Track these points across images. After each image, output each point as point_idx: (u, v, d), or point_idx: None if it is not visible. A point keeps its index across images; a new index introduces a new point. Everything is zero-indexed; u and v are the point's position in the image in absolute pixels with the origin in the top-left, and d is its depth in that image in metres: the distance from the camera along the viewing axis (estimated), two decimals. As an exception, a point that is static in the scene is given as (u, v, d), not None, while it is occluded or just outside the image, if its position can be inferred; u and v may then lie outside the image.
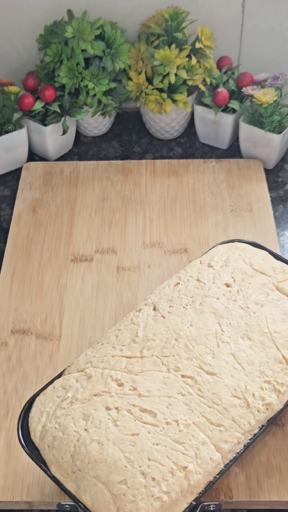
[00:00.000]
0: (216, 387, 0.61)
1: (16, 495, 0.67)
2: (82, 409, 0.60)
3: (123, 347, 0.65)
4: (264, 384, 0.63)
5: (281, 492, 0.66)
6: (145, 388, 0.61)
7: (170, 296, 0.70)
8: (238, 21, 1.07)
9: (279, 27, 1.07)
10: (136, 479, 0.55)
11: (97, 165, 1.06)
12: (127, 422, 0.58)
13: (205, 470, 0.57)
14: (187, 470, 0.56)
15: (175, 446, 0.57)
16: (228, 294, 0.70)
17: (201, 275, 0.73)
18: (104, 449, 0.56)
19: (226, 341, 0.65)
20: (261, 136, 1.01)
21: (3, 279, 0.88)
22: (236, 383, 0.62)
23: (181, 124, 1.10)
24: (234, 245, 0.78)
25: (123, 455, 0.56)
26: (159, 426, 0.58)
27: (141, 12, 1.05)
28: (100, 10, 1.04)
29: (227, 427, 0.59)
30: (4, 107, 1.01)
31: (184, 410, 0.59)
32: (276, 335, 0.66)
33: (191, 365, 0.63)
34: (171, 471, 0.56)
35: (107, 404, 0.60)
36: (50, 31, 1.02)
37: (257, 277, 0.72)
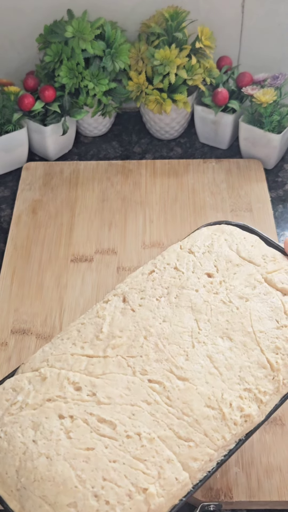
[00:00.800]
0: (187, 395, 0.53)
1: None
2: (32, 416, 0.52)
3: (85, 344, 0.57)
4: (244, 393, 0.55)
5: (281, 492, 0.67)
6: (106, 394, 0.53)
7: (142, 286, 0.61)
8: (238, 20, 1.07)
9: (278, 27, 1.08)
10: (88, 501, 0.47)
11: (97, 165, 1.06)
12: (82, 434, 0.51)
13: (168, 492, 0.49)
14: (147, 493, 0.48)
15: (135, 464, 0.49)
16: (209, 286, 0.61)
17: (180, 263, 0.64)
18: (53, 465, 0.49)
19: (203, 340, 0.57)
20: (261, 136, 1.01)
21: (3, 280, 0.88)
22: (211, 391, 0.54)
23: (181, 124, 1.11)
24: (220, 228, 0.68)
25: (74, 473, 0.49)
26: (118, 440, 0.51)
27: (141, 11, 1.05)
28: (100, 10, 1.04)
29: (197, 442, 0.52)
30: (4, 107, 1.01)
31: (149, 422, 0.52)
32: (261, 335, 0.58)
33: (160, 368, 0.55)
34: (129, 493, 0.48)
35: (60, 412, 0.52)
36: (50, 31, 1.02)
37: (244, 267, 0.63)
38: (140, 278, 0.63)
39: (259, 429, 0.70)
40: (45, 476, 0.49)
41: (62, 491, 0.48)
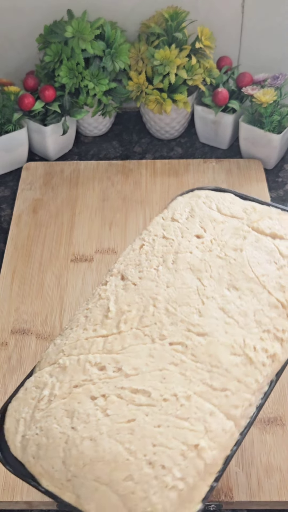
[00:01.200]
0: (211, 348, 0.53)
1: (16, 495, 0.67)
2: (64, 405, 0.51)
3: (96, 326, 0.56)
4: (264, 334, 0.55)
5: (281, 492, 0.67)
6: (131, 366, 0.52)
7: (137, 261, 0.61)
8: (238, 21, 1.07)
9: (279, 27, 1.08)
10: (143, 471, 0.47)
11: (98, 165, 1.06)
12: (119, 409, 0.50)
13: (219, 444, 0.49)
14: (199, 448, 0.48)
15: (179, 424, 0.49)
16: (201, 246, 0.62)
17: (167, 232, 0.64)
18: (99, 445, 0.48)
19: (211, 295, 0.57)
20: (261, 136, 1.01)
21: (4, 280, 0.88)
22: (233, 339, 0.54)
23: (181, 124, 1.11)
24: (195, 193, 0.69)
25: (122, 447, 0.48)
26: (157, 405, 0.50)
27: (141, 12, 1.05)
28: (100, 10, 1.04)
29: (233, 390, 0.51)
30: (4, 107, 1.01)
31: (181, 381, 0.51)
32: (265, 278, 0.58)
33: (177, 330, 0.54)
34: (182, 453, 0.47)
35: (91, 394, 0.51)
36: (50, 31, 1.02)
37: (229, 222, 0.64)
38: (132, 254, 0.63)
39: (260, 429, 0.71)
40: (94, 457, 0.48)
41: (115, 468, 0.47)
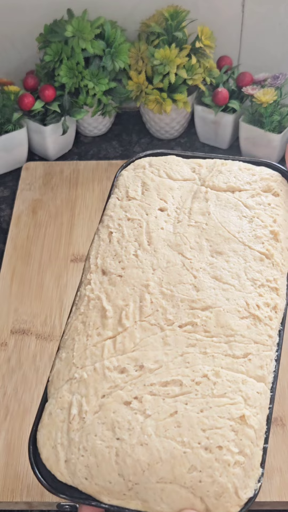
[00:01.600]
0: (220, 319, 0.53)
1: (16, 496, 0.67)
2: (99, 419, 0.49)
3: (99, 330, 0.54)
4: (260, 290, 0.56)
5: (281, 492, 0.67)
6: (151, 360, 0.51)
7: (112, 251, 0.59)
8: (238, 20, 1.07)
9: (279, 26, 1.07)
10: (203, 457, 0.47)
11: (97, 165, 1.06)
12: (157, 406, 0.49)
13: (260, 407, 0.50)
14: (245, 418, 0.49)
15: (220, 402, 0.49)
16: (168, 218, 0.61)
17: (130, 213, 0.62)
18: (152, 448, 0.48)
19: (199, 267, 0.56)
20: (261, 136, 1.01)
21: (3, 280, 0.88)
22: (236, 304, 0.54)
23: (181, 124, 1.11)
24: (138, 164, 0.67)
25: (175, 442, 0.48)
26: (192, 391, 0.50)
27: (141, 11, 1.05)
28: (100, 9, 1.04)
29: (254, 352, 0.52)
30: (4, 106, 1.01)
31: (205, 360, 0.51)
32: (241, 234, 0.59)
33: (181, 311, 0.54)
34: (232, 428, 0.48)
35: (123, 399, 0.50)
36: (50, 30, 1.02)
37: (184, 187, 0.63)
38: (104, 245, 0.60)
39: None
40: (151, 461, 0.47)
41: (175, 464, 0.47)
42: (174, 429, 0.48)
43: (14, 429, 0.72)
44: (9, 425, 0.73)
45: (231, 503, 0.46)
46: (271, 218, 0.60)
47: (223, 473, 0.47)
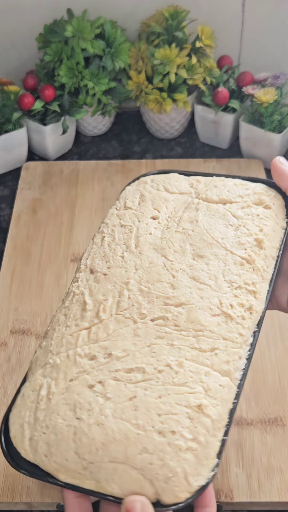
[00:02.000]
0: (191, 315, 0.56)
1: (16, 496, 0.67)
2: (64, 400, 0.52)
3: (77, 321, 0.58)
4: (236, 291, 0.58)
5: (282, 492, 0.66)
6: (120, 348, 0.54)
7: (102, 253, 0.63)
8: (238, 20, 1.07)
9: (279, 26, 1.07)
10: (155, 440, 0.48)
11: (97, 164, 1.06)
12: (118, 390, 0.51)
13: (221, 399, 0.51)
14: (203, 407, 0.50)
15: (179, 390, 0.51)
16: (159, 225, 0.64)
17: (123, 220, 0.65)
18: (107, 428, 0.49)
19: (179, 268, 0.59)
20: (262, 135, 1.01)
21: (3, 280, 0.88)
22: (209, 302, 0.56)
23: (181, 123, 1.10)
24: (141, 180, 0.71)
25: (130, 424, 0.49)
26: (153, 379, 0.52)
27: (141, 11, 1.05)
28: (100, 9, 1.04)
29: (221, 347, 0.54)
30: (4, 106, 1.01)
31: (171, 351, 0.53)
32: (224, 240, 0.61)
33: (155, 306, 0.56)
34: (187, 415, 0.49)
35: (88, 383, 0.52)
36: (50, 30, 1.02)
37: (178, 199, 0.67)
38: (96, 248, 0.64)
39: (260, 430, 0.71)
40: (106, 440, 0.49)
41: (128, 445, 0.48)
42: (130, 412, 0.50)
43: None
44: (8, 425, 0.72)
45: (179, 488, 0.47)
46: (258, 228, 0.62)
47: (173, 457, 0.47)
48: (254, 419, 0.72)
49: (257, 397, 0.74)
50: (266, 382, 0.76)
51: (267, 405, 0.73)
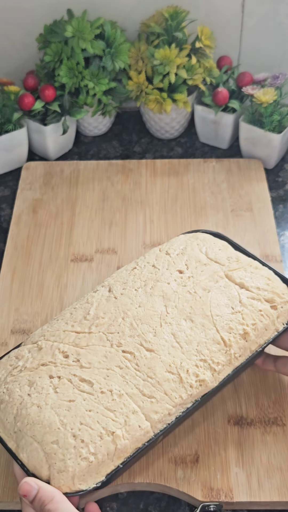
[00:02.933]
0: (152, 363, 0.65)
1: (16, 495, 0.67)
2: (29, 376, 0.64)
3: (75, 323, 0.69)
4: (200, 362, 0.65)
5: (282, 492, 0.66)
6: (87, 360, 0.65)
7: (125, 279, 0.73)
8: (238, 20, 1.07)
9: (279, 26, 1.07)
10: (67, 440, 0.59)
11: (97, 165, 1.06)
12: (66, 390, 0.62)
13: (133, 437, 0.60)
14: (114, 435, 0.59)
15: (106, 413, 0.61)
16: (180, 280, 0.72)
17: (157, 262, 0.75)
18: (42, 412, 0.61)
19: (169, 322, 0.68)
20: (261, 135, 1.01)
21: (3, 280, 0.88)
22: (172, 360, 0.65)
23: (181, 123, 1.10)
24: (195, 235, 0.79)
25: (58, 418, 0.60)
26: (94, 395, 0.62)
27: (141, 11, 1.05)
28: (100, 9, 1.04)
29: (158, 399, 0.62)
30: (4, 106, 1.01)
31: (120, 382, 0.63)
32: (218, 318, 0.68)
33: (132, 342, 0.66)
34: (100, 435, 0.59)
35: (51, 373, 0.64)
36: (50, 31, 1.02)
37: (211, 266, 0.74)
38: (124, 273, 0.75)
39: (261, 430, 0.71)
40: (36, 420, 0.60)
41: (47, 432, 0.60)
42: (63, 410, 0.61)
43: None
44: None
45: (64, 482, 0.58)
46: (253, 321, 0.68)
47: (72, 458, 0.58)
48: (254, 419, 0.72)
49: (257, 396, 0.74)
50: (266, 382, 0.76)
51: (267, 405, 0.73)
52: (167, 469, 0.68)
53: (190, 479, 0.68)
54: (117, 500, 0.69)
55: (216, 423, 0.72)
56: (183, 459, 0.69)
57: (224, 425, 0.72)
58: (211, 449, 0.70)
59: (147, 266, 0.75)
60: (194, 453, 0.70)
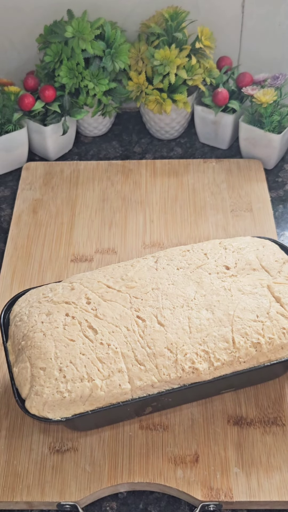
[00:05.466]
0: (157, 335, 0.67)
1: (16, 495, 0.67)
2: (50, 308, 0.70)
3: (111, 279, 0.73)
4: (201, 352, 0.66)
5: (281, 492, 0.66)
6: (103, 312, 0.69)
7: (173, 257, 0.75)
8: (238, 21, 1.07)
9: (279, 27, 1.07)
10: (53, 371, 0.64)
11: (97, 165, 1.06)
12: (73, 330, 0.67)
13: (110, 391, 0.64)
14: (93, 383, 0.63)
15: (95, 362, 0.65)
16: (222, 275, 0.73)
17: (211, 252, 0.76)
18: (44, 340, 0.66)
19: (192, 306, 0.70)
20: (261, 136, 1.00)
21: (3, 280, 0.88)
22: (176, 340, 0.67)
23: (181, 124, 1.10)
24: (262, 241, 0.79)
25: (54, 350, 0.65)
26: (94, 343, 0.66)
27: (141, 11, 1.05)
28: (100, 10, 1.04)
29: (147, 368, 0.65)
30: (4, 107, 1.01)
31: (121, 341, 0.66)
32: (238, 320, 0.69)
33: (149, 311, 0.69)
34: (81, 378, 0.64)
35: (68, 312, 0.69)
36: (50, 31, 1.02)
37: (259, 272, 0.74)
38: (177, 251, 0.77)
39: (260, 430, 0.71)
40: (36, 345, 0.66)
41: (40, 358, 0.65)
42: (62, 346, 0.66)
43: (15, 427, 0.72)
44: (9, 424, 0.72)
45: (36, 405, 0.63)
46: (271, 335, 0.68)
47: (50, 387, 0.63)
48: (253, 419, 0.72)
49: (256, 397, 0.74)
50: (265, 383, 0.76)
51: (267, 405, 0.73)
52: (166, 469, 0.68)
53: (190, 479, 0.67)
54: (117, 500, 0.68)
55: (216, 423, 0.72)
56: (182, 459, 0.69)
57: (224, 425, 0.72)
58: (210, 449, 0.70)
59: (199, 252, 0.76)
60: (194, 453, 0.70)
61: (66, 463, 0.69)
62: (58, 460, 0.70)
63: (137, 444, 0.70)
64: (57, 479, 0.68)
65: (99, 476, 0.68)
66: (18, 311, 0.71)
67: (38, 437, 0.71)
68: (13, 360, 0.67)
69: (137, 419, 0.72)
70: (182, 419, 0.72)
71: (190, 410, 0.73)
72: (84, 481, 0.68)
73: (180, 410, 0.73)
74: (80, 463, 0.69)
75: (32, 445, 0.71)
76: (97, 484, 0.67)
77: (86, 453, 0.70)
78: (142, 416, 0.71)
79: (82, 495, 0.67)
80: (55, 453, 0.70)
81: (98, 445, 0.71)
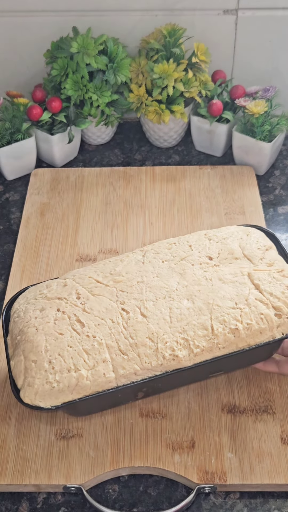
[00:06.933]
0: (139, 326, 0.66)
1: (25, 479, 0.67)
2: (44, 304, 0.69)
3: (100, 274, 0.71)
4: (181, 340, 0.65)
5: (272, 475, 0.66)
6: (91, 306, 0.68)
7: (160, 250, 0.74)
8: (231, 37, 1.07)
9: (269, 43, 1.07)
10: (43, 363, 0.64)
11: (101, 171, 1.06)
12: (62, 324, 0.66)
13: (95, 380, 0.63)
14: (79, 373, 0.63)
15: (81, 353, 0.64)
16: (204, 265, 0.71)
17: (195, 244, 0.74)
18: (36, 335, 0.66)
19: (173, 297, 0.68)
20: (253, 144, 1.00)
21: (13, 278, 0.88)
22: (157, 330, 0.66)
23: (179, 133, 1.10)
24: (247, 229, 0.76)
25: (44, 344, 0.65)
26: (81, 336, 0.65)
27: (141, 29, 1.05)
28: (103, 27, 1.04)
29: (130, 357, 0.64)
30: (14, 117, 1.01)
31: (105, 332, 0.66)
32: (216, 308, 0.67)
33: (133, 304, 0.68)
34: (68, 368, 0.64)
35: (60, 307, 0.68)
36: (56, 47, 1.02)
37: (241, 261, 0.71)
38: (163, 244, 0.75)
39: (252, 418, 0.71)
40: (29, 339, 0.66)
41: (33, 351, 0.65)
42: (51, 339, 0.65)
43: (24, 414, 0.72)
44: (19, 412, 0.72)
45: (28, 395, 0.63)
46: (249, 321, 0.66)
47: (40, 378, 0.63)
48: (246, 408, 0.72)
49: (249, 387, 0.74)
50: (257, 374, 0.76)
51: (258, 394, 0.73)
52: (165, 454, 0.68)
53: (186, 463, 0.67)
54: (119, 483, 0.69)
55: (210, 411, 0.72)
56: (180, 445, 0.69)
57: (218, 413, 0.72)
58: (206, 436, 0.70)
59: (184, 244, 0.74)
60: (190, 439, 0.70)
61: (72, 448, 0.69)
62: (64, 446, 0.70)
63: (138, 431, 0.70)
64: (63, 463, 0.68)
65: (102, 461, 0.68)
66: (17, 307, 0.71)
67: (46, 425, 0.71)
68: (11, 354, 0.68)
69: (137, 408, 0.72)
70: (179, 408, 0.72)
71: (187, 399, 0.73)
72: (88, 465, 0.68)
73: (177, 399, 0.73)
74: (84, 449, 0.69)
75: (40, 432, 0.71)
76: (100, 468, 0.67)
77: (90, 439, 0.70)
78: (136, 401, 0.71)
79: (86, 479, 0.67)
80: (61, 439, 0.70)
81: (101, 432, 0.71)
